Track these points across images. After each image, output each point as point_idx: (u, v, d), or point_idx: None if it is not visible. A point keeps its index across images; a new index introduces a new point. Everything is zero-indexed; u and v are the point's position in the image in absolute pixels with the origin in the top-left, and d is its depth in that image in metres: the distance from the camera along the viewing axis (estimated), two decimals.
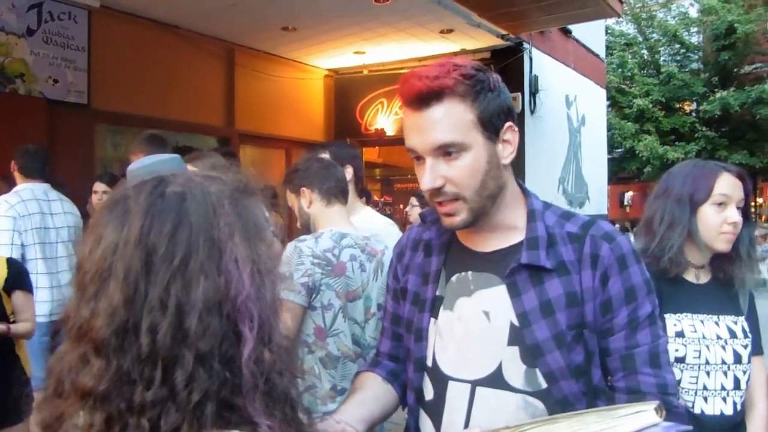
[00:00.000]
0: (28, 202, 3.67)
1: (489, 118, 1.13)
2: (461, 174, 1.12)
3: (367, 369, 1.38)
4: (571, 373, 1.12)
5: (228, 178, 0.77)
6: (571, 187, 9.21)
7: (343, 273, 2.16)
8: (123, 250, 0.67)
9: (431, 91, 1.10)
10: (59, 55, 5.39)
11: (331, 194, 2.29)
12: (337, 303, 2.14)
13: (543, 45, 7.98)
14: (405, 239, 1.39)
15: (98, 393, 0.64)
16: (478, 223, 1.18)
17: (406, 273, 1.33)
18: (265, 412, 0.67)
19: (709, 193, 1.70)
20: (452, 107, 1.11)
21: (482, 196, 1.15)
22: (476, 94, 1.12)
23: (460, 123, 1.11)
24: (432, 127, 1.11)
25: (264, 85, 7.37)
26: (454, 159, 1.12)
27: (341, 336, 2.15)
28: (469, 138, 1.11)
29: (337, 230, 2.23)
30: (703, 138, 16.41)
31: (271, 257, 0.74)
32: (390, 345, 1.39)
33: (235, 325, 0.67)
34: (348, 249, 2.20)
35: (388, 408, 1.31)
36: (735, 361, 1.67)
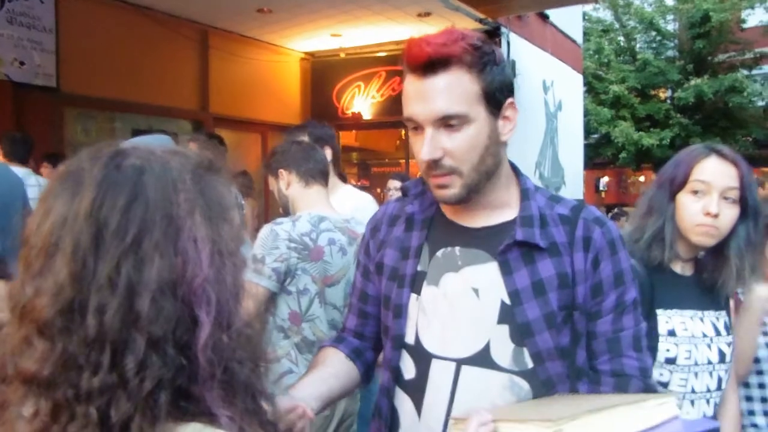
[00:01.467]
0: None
1: (494, 91, 1.10)
2: (461, 147, 1.09)
3: (331, 344, 1.35)
4: (557, 353, 1.12)
5: (192, 153, 0.73)
6: (547, 172, 9.26)
7: (321, 257, 2.13)
8: (72, 224, 0.62)
9: (440, 58, 1.06)
10: (25, 36, 5.24)
11: (309, 175, 2.25)
12: (313, 288, 2.11)
13: (521, 30, 7.97)
14: (381, 214, 1.35)
15: (42, 378, 0.60)
16: (471, 198, 1.15)
17: (382, 248, 1.30)
18: (224, 402, 0.64)
19: (687, 178, 1.54)
20: (459, 77, 1.07)
21: (479, 172, 1.12)
22: (483, 66, 1.08)
23: (466, 94, 1.08)
24: (436, 95, 1.07)
25: (239, 68, 7.25)
26: (455, 131, 1.09)
27: (317, 321, 2.13)
28: (473, 110, 1.08)
29: (316, 213, 2.19)
30: (677, 125, 16.57)
31: (234, 239, 0.70)
32: (356, 322, 1.37)
33: (191, 309, 0.64)
34: (326, 233, 2.16)
35: (348, 386, 1.28)
36: (719, 360, 1.55)
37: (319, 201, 2.25)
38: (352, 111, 8.11)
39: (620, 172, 23.16)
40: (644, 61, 17.13)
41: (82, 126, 6.03)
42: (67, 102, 5.64)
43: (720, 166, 1.53)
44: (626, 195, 23.33)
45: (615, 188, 24.25)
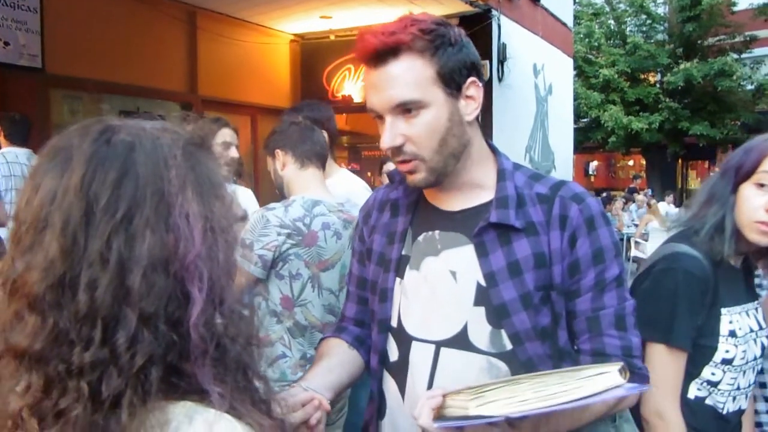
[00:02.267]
0: (12, 164, 4.02)
1: (450, 73, 1.10)
2: (421, 132, 1.10)
3: (332, 335, 1.36)
4: (536, 334, 1.12)
5: (182, 129, 0.72)
6: (537, 156, 9.27)
7: (315, 243, 2.11)
8: (62, 199, 0.62)
9: (387, 48, 1.07)
10: (9, 16, 5.14)
11: (305, 157, 2.21)
12: (306, 273, 2.10)
13: (511, 12, 7.93)
14: (372, 200, 1.37)
15: (33, 352, 0.60)
16: (441, 181, 1.16)
17: (372, 233, 1.31)
18: (215, 379, 0.64)
19: (755, 168, 1.39)
20: (410, 63, 1.08)
21: (443, 155, 1.12)
22: (435, 49, 1.08)
23: (419, 79, 1.08)
24: (389, 84, 1.08)
25: (228, 49, 7.17)
26: (413, 117, 1.09)
27: (309, 306, 2.12)
28: (428, 95, 1.09)
29: (310, 197, 2.16)
30: (666, 109, 16.63)
31: (226, 215, 0.70)
32: (356, 309, 1.37)
33: (183, 286, 0.63)
34: (320, 217, 2.13)
35: (355, 374, 1.29)
36: (761, 355, 1.49)
37: (314, 183, 2.22)
38: (343, 94, 8.06)
39: (609, 157, 23.25)
40: (634, 44, 17.14)
41: (68, 107, 5.95)
42: (52, 83, 5.56)
43: None
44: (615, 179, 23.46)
45: (604, 172, 24.36)
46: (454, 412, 0.91)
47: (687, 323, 1.40)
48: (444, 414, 0.93)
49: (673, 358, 1.40)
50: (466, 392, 0.89)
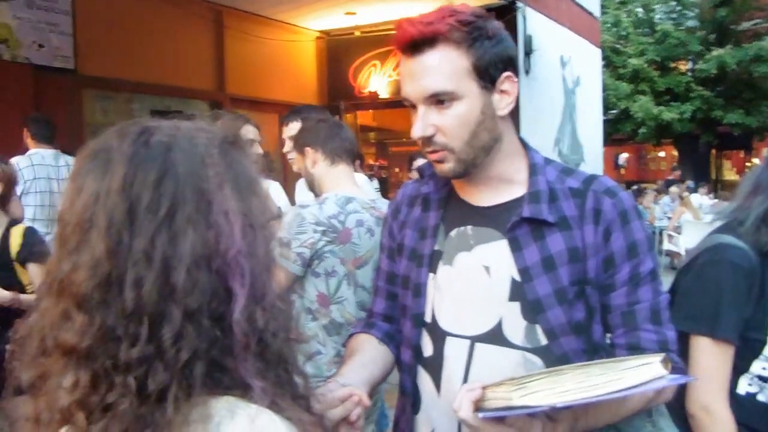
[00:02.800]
0: (37, 166, 4.01)
1: (485, 66, 1.09)
2: (452, 124, 1.10)
3: (362, 330, 1.35)
4: (571, 329, 1.11)
5: (217, 129, 0.73)
6: (566, 149, 9.16)
7: (349, 240, 2.11)
8: (105, 200, 0.63)
9: (424, 37, 1.07)
10: (43, 20, 5.27)
11: (335, 154, 2.21)
12: (341, 270, 2.11)
13: (537, 4, 7.84)
14: (400, 196, 1.36)
15: (81, 350, 0.61)
16: (470, 173, 1.16)
17: (403, 229, 1.31)
18: (257, 374, 0.65)
19: None
20: (446, 54, 1.08)
21: (473, 147, 1.12)
22: (472, 41, 1.08)
23: (454, 71, 1.08)
24: (424, 74, 1.09)
25: (254, 47, 7.23)
26: (446, 108, 1.09)
27: (345, 303, 2.12)
28: (462, 86, 1.09)
29: (342, 194, 2.16)
30: (698, 98, 16.26)
31: (263, 212, 0.71)
32: (384, 305, 1.37)
33: (225, 282, 0.65)
34: (354, 214, 2.14)
35: (387, 369, 1.29)
36: None
37: (345, 180, 2.22)
38: (369, 90, 8.07)
39: (640, 148, 22.86)
40: (664, 32, 16.77)
41: (100, 107, 6.06)
42: (85, 84, 5.68)
43: None
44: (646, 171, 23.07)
45: (635, 164, 23.96)
46: (495, 403, 0.91)
47: (733, 315, 1.37)
48: (483, 406, 0.93)
49: (720, 351, 1.37)
50: (508, 383, 0.89)
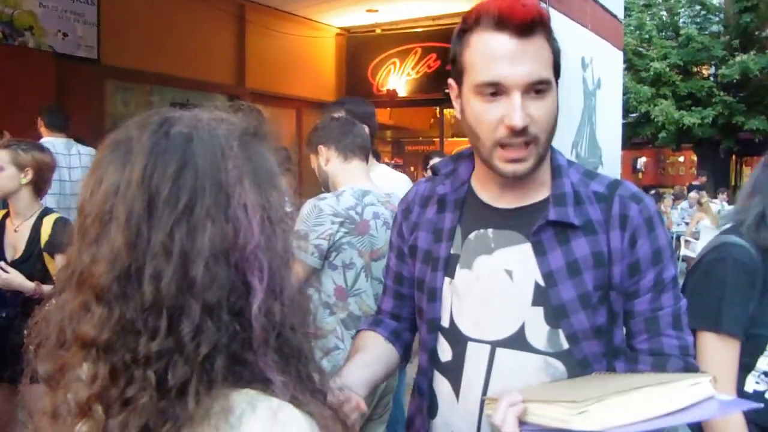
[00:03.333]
0: None
1: (558, 61, 1.09)
2: (545, 115, 1.07)
3: (368, 328, 1.35)
4: (593, 333, 1.10)
5: (237, 120, 0.72)
6: (584, 152, 9.06)
7: (367, 231, 2.11)
8: (125, 192, 0.63)
9: (535, 20, 1.03)
10: (68, 9, 5.33)
11: (348, 150, 2.22)
12: (359, 262, 2.10)
13: (560, 5, 7.75)
14: (412, 195, 1.33)
15: (101, 342, 0.61)
16: (531, 173, 1.12)
17: (415, 230, 1.28)
18: (277, 368, 0.64)
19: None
20: (543, 42, 1.06)
21: (549, 143, 1.11)
22: (550, 33, 1.07)
23: (548, 60, 1.06)
24: (532, 58, 1.04)
25: (275, 42, 7.26)
26: (540, 98, 1.06)
27: (363, 296, 2.12)
28: (552, 78, 1.07)
29: (359, 187, 2.17)
30: (720, 103, 16.04)
31: (282, 205, 0.70)
32: (392, 304, 1.36)
33: (243, 276, 0.64)
34: (371, 207, 2.15)
35: (391, 368, 1.29)
36: None
37: (359, 175, 2.23)
38: (387, 88, 8.06)
39: (659, 153, 22.59)
40: (687, 36, 16.57)
41: (121, 98, 6.13)
42: (107, 74, 5.74)
43: None
44: (664, 176, 22.81)
45: (653, 169, 23.70)
46: (542, 420, 0.90)
47: (737, 310, 1.40)
48: (524, 420, 0.92)
49: (725, 346, 1.39)
50: (566, 404, 0.86)
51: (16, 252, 2.64)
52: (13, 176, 2.65)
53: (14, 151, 2.66)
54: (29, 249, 2.65)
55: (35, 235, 2.67)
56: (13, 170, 2.65)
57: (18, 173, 2.66)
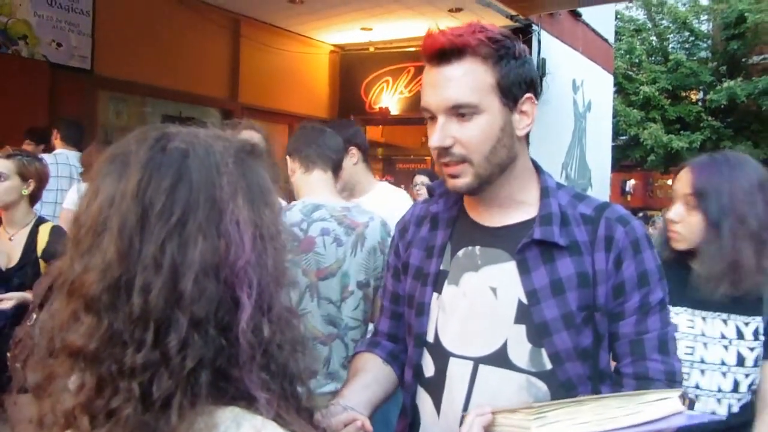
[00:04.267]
0: (61, 165, 4.09)
1: (509, 85, 1.10)
2: (471, 136, 1.10)
3: (366, 349, 1.35)
4: (577, 355, 1.10)
5: (234, 138, 0.73)
6: (574, 173, 9.17)
7: (311, 249, 2.01)
8: (119, 203, 0.64)
9: (453, 48, 1.08)
10: (63, 18, 5.33)
11: (309, 161, 2.12)
12: (303, 281, 2.00)
13: (552, 28, 7.89)
14: (409, 215, 1.36)
15: (88, 352, 0.61)
16: (483, 189, 1.15)
17: (409, 248, 1.30)
18: (262, 385, 0.65)
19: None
20: (472, 67, 1.08)
21: (491, 163, 1.12)
22: (499, 59, 1.09)
23: (478, 84, 1.09)
24: (449, 84, 1.09)
25: (269, 58, 7.29)
26: (466, 121, 1.10)
27: (308, 317, 2.00)
28: (485, 101, 1.09)
29: (311, 201, 2.07)
30: (708, 128, 16.28)
31: (275, 223, 0.71)
32: (389, 324, 1.36)
33: (233, 291, 0.64)
34: (319, 222, 2.03)
35: (389, 390, 1.29)
36: (737, 363, 1.57)
37: (319, 187, 2.13)
38: (380, 106, 8.10)
39: (647, 175, 22.77)
40: (676, 61, 16.86)
41: (114, 108, 6.13)
42: (100, 84, 5.73)
43: (683, 174, 1.62)
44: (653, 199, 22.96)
45: (642, 191, 23.85)
46: (508, 430, 0.91)
47: None
48: (491, 431, 0.93)
49: None
50: (525, 411, 0.88)
51: (10, 260, 2.64)
52: (17, 187, 2.66)
53: (19, 162, 2.67)
54: (25, 257, 2.65)
55: (31, 244, 2.67)
56: (18, 181, 2.66)
57: (21, 184, 2.67)
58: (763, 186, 1.56)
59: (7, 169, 2.62)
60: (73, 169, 4.17)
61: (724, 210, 1.53)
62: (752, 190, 1.55)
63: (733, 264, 1.52)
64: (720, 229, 1.53)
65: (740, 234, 1.52)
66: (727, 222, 1.53)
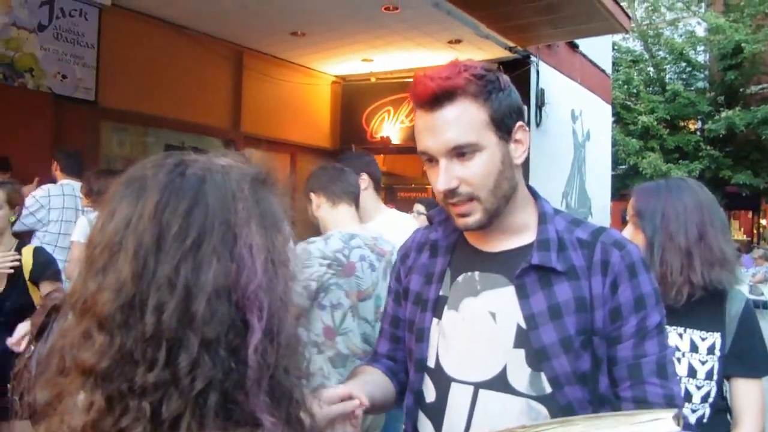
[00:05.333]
0: (67, 196, 4.18)
1: (501, 117, 1.12)
2: (476, 174, 1.12)
3: (367, 363, 1.38)
4: (576, 379, 1.11)
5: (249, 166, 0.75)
6: (574, 202, 9.20)
7: (353, 273, 2.20)
8: (136, 224, 0.65)
9: (444, 91, 1.10)
10: (69, 52, 5.42)
11: (336, 196, 2.34)
12: (346, 302, 2.18)
13: (550, 59, 8.00)
14: (410, 242, 1.38)
15: (99, 370, 0.62)
16: (492, 223, 1.17)
17: (410, 274, 1.32)
18: (268, 410, 0.65)
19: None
20: (465, 107, 1.10)
21: (497, 197, 1.14)
22: (488, 94, 1.11)
23: (474, 123, 1.11)
24: (445, 127, 1.11)
25: (271, 88, 7.38)
26: (468, 159, 1.11)
27: (350, 335, 2.19)
28: (483, 138, 1.11)
29: (346, 231, 2.27)
30: (707, 157, 16.38)
31: (285, 249, 0.72)
32: (388, 347, 1.38)
33: (243, 314, 0.65)
34: (357, 249, 2.24)
35: (388, 397, 1.29)
36: (688, 375, 1.66)
37: (347, 220, 2.34)
38: (381, 135, 8.18)
39: None
40: (674, 92, 17.02)
41: (117, 139, 6.18)
42: (103, 115, 5.79)
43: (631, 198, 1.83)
44: None
45: None
46: None
47: None
48: None
49: None
50: (519, 430, 0.89)
51: None
52: (7, 215, 2.69)
53: (9, 190, 2.71)
54: (12, 281, 2.68)
55: (17, 268, 2.68)
56: (8, 209, 2.69)
57: (10, 211, 2.70)
58: (701, 208, 1.73)
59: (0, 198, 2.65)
60: (78, 200, 4.20)
61: (656, 229, 1.72)
62: (686, 211, 1.72)
63: (662, 276, 1.66)
64: (652, 246, 1.70)
65: (668, 249, 1.69)
66: (658, 239, 1.70)
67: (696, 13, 18.14)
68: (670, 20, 18.72)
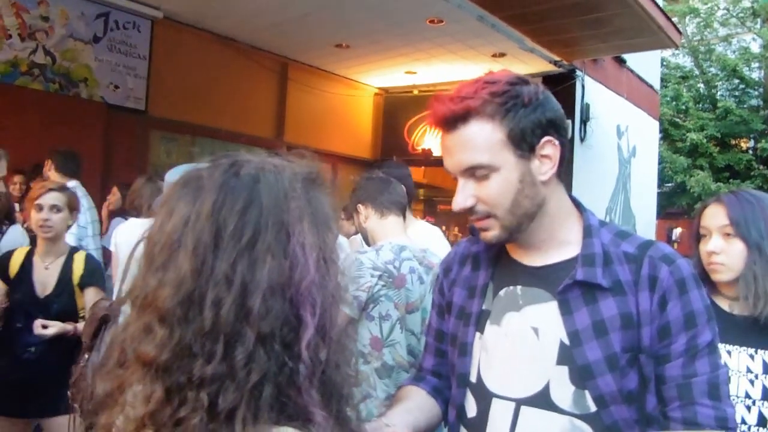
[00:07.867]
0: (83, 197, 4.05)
1: (521, 134, 1.09)
2: (490, 194, 1.11)
3: (411, 383, 1.35)
4: (623, 398, 1.07)
5: (300, 165, 0.77)
6: (618, 219, 9.01)
7: (403, 285, 2.20)
8: (195, 223, 0.67)
9: (456, 115, 1.09)
10: (121, 63, 5.61)
11: (384, 207, 2.34)
12: (395, 314, 2.18)
13: (596, 73, 7.90)
14: (452, 254, 1.37)
15: (160, 363, 0.64)
16: (516, 239, 1.16)
17: (453, 287, 1.31)
18: (319, 404, 0.66)
19: (697, 230, 1.76)
20: (478, 128, 1.09)
21: (515, 215, 1.12)
22: (506, 112, 1.08)
23: (487, 143, 1.09)
24: (459, 149, 1.11)
25: (315, 100, 7.49)
26: (483, 179, 1.11)
27: (397, 347, 2.18)
28: (498, 158, 1.09)
29: (397, 242, 2.27)
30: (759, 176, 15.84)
31: (335, 248, 0.74)
32: (434, 361, 1.36)
33: (297, 310, 0.67)
34: (407, 261, 2.24)
35: (433, 421, 1.27)
36: (762, 398, 1.58)
37: (395, 230, 2.33)
38: (422, 147, 8.20)
39: None
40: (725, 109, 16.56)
41: (164, 147, 6.35)
42: (152, 124, 5.97)
43: (714, 209, 1.71)
44: None
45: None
46: None
47: None
48: None
49: None
50: None
51: (45, 288, 2.72)
52: (67, 218, 2.77)
53: (69, 195, 2.79)
54: (60, 285, 2.73)
55: (68, 272, 2.75)
56: (67, 213, 2.77)
57: (68, 215, 2.78)
58: None
59: (61, 201, 2.73)
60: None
61: (761, 233, 1.65)
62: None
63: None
64: (762, 250, 1.63)
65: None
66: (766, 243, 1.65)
67: (751, 29, 17.66)
68: (723, 36, 18.26)
